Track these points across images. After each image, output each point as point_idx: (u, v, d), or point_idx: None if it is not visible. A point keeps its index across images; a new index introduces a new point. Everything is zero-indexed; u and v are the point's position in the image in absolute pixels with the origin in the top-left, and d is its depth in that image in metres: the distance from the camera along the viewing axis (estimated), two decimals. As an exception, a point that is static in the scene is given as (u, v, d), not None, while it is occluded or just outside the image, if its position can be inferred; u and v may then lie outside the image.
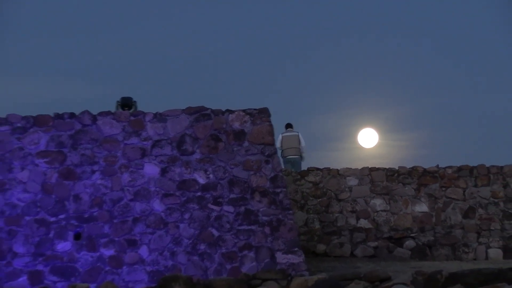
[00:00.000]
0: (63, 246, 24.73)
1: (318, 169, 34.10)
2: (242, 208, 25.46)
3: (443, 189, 32.97)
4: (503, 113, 68.56)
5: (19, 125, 25.85)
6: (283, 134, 36.28)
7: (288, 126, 36.45)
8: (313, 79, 74.91)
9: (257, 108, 26.69)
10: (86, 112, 26.12)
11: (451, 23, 76.56)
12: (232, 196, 25.54)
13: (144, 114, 26.50)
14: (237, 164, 25.92)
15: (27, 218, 24.97)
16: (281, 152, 34.77)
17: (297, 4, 79.33)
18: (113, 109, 27.52)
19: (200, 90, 64.55)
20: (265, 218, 25.43)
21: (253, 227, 25.30)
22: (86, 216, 25.15)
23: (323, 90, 75.84)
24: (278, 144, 34.36)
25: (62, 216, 25.04)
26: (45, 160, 25.58)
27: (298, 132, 36.40)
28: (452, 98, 69.07)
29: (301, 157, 35.67)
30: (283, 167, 31.50)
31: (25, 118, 26.02)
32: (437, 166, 33.61)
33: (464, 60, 72.93)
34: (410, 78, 74.69)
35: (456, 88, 71.00)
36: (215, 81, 70.36)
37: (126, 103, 28.28)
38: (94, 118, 26.08)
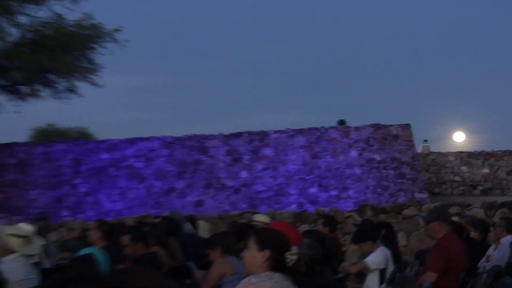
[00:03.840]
0: (312, 190, 25.77)
1: (434, 152, 34.84)
2: (398, 171, 26.11)
3: (496, 161, 33.23)
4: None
5: (290, 133, 26.41)
6: (422, 144, 35.60)
7: (425, 140, 36.49)
8: (436, 102, 74.36)
9: (404, 123, 27.07)
10: (322, 127, 26.65)
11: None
12: (392, 165, 26.18)
13: (349, 126, 27.16)
14: (394, 150, 26.43)
15: (295, 177, 25.84)
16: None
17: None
18: (334, 125, 28.03)
19: (379, 107, 65.11)
20: (408, 176, 26.11)
21: (403, 180, 26.01)
22: (323, 176, 25.87)
23: (438, 109, 74.90)
24: (420, 150, 33.83)
25: (311, 176, 25.90)
26: (302, 149, 26.17)
27: (429, 144, 36.01)
28: (503, 115, 68.39)
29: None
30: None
31: (293, 129, 26.47)
32: (493, 150, 33.58)
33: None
34: (482, 102, 73.42)
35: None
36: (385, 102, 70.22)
37: (341, 122, 28.51)
38: (326, 129, 26.61)
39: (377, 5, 77.97)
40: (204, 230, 11.53)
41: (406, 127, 27.16)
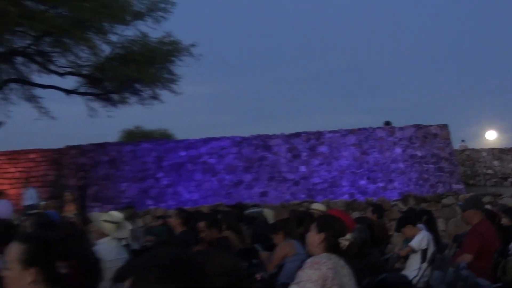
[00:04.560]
0: (362, 182, 25.27)
1: (469, 148, 34.05)
2: (437, 166, 25.60)
3: (523, 155, 32.52)
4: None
5: (343, 133, 25.94)
6: (460, 144, 34.49)
7: (462, 140, 35.71)
8: (471, 104, 73.53)
9: (443, 123, 26.61)
10: (370, 127, 26.08)
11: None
12: (432, 160, 25.62)
13: (394, 127, 26.39)
14: (434, 147, 25.91)
15: (347, 171, 25.38)
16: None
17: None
18: (381, 125, 26.93)
19: (420, 109, 65.09)
20: (446, 169, 25.66)
21: (442, 173, 25.50)
22: (371, 170, 25.38)
23: (472, 110, 74.01)
24: (458, 148, 32.46)
25: (361, 170, 25.45)
26: (352, 146, 25.71)
27: (465, 144, 35.16)
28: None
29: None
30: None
31: (345, 130, 25.96)
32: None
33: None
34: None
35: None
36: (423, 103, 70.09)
37: (387, 123, 27.03)
38: (374, 129, 26.05)
39: (412, 14, 77.75)
40: (269, 217, 11.65)
41: (444, 127, 26.76)
